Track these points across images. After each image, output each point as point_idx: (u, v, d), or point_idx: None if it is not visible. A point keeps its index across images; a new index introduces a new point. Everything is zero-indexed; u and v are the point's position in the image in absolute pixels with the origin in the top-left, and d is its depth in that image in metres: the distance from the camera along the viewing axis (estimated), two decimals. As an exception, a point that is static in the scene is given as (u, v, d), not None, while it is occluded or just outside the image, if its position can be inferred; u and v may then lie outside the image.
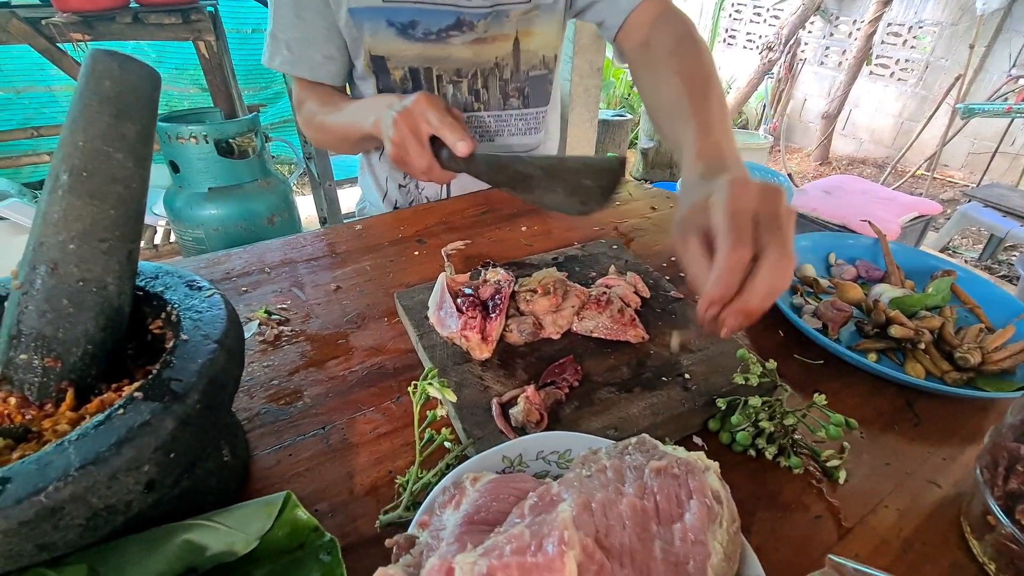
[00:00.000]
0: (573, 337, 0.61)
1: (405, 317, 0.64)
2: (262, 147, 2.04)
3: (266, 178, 2.09)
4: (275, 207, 2.07)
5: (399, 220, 0.92)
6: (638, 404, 0.53)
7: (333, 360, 0.60)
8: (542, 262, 0.75)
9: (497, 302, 0.58)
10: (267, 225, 2.06)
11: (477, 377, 0.55)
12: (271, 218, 2.07)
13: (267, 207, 2.05)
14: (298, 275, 0.76)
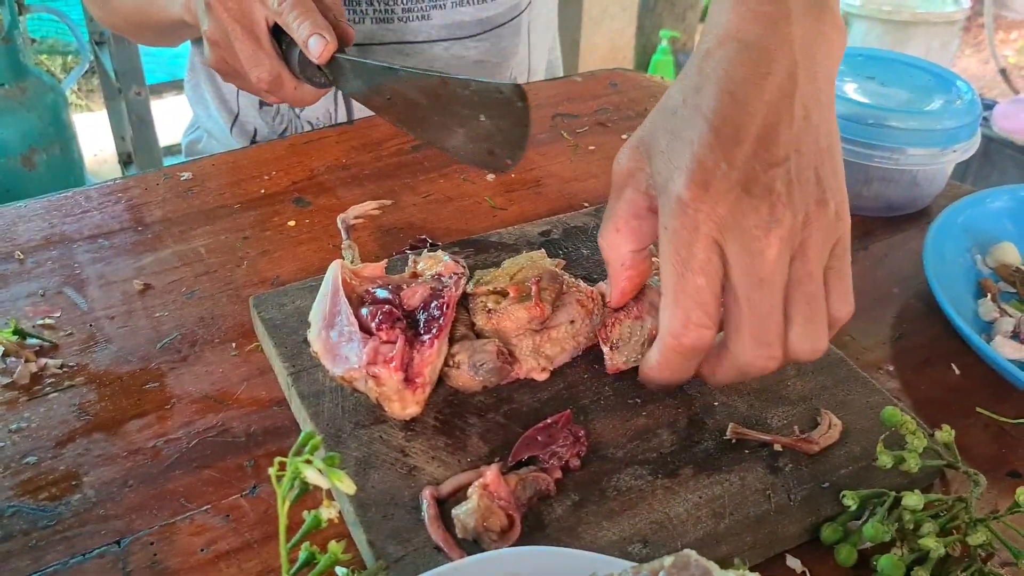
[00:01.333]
0: (572, 376, 0.63)
1: (269, 341, 0.65)
2: (12, 24, 2.05)
3: (20, 81, 2.10)
4: (37, 134, 2.08)
5: (260, 163, 0.94)
6: (687, 497, 0.55)
7: (136, 420, 0.62)
8: (520, 240, 0.77)
9: (435, 314, 0.60)
10: (21, 167, 2.07)
11: (396, 451, 0.57)
12: (29, 155, 2.08)
13: (21, 135, 2.07)
14: (75, 263, 0.77)
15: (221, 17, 0.74)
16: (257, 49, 0.74)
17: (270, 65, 0.75)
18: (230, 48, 0.75)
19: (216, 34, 0.75)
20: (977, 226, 0.82)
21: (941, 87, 0.90)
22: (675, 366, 0.54)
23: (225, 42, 0.75)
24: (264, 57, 0.75)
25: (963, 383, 0.69)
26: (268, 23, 0.74)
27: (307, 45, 0.72)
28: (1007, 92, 4.05)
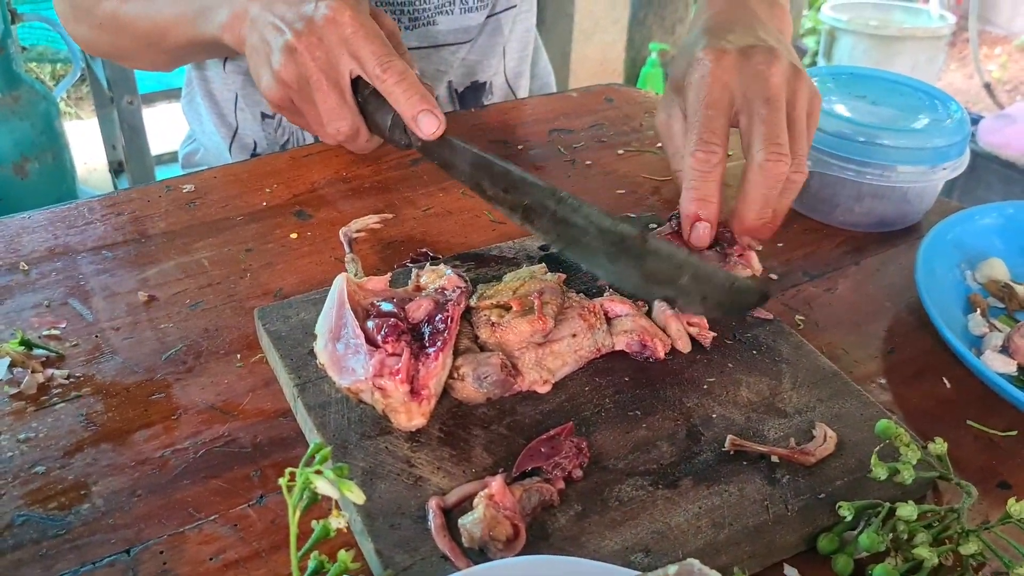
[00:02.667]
0: (574, 388, 0.65)
1: (274, 353, 0.66)
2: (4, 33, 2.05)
3: (12, 90, 2.10)
4: (29, 143, 2.08)
5: (261, 176, 0.95)
6: (687, 508, 0.56)
7: (144, 430, 0.63)
8: (520, 254, 0.78)
9: (439, 327, 0.61)
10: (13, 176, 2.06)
11: (402, 461, 0.58)
12: (22, 164, 2.07)
13: (14, 143, 2.06)
14: (80, 275, 0.78)
15: (306, 64, 0.71)
16: (341, 103, 0.72)
17: (351, 120, 0.73)
18: (305, 94, 0.72)
19: (292, 77, 0.72)
20: (966, 242, 0.83)
21: (931, 106, 0.92)
22: (699, 187, 0.67)
23: (300, 86, 0.72)
24: (347, 112, 0.72)
25: (954, 396, 0.70)
26: (351, 75, 0.72)
27: (415, 121, 0.69)
28: (992, 107, 4.09)
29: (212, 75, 1.09)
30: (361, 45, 0.69)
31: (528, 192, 0.68)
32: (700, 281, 0.64)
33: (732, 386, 0.66)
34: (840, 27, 4.05)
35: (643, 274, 0.66)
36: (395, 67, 0.69)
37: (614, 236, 0.66)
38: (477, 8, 1.08)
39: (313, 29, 0.69)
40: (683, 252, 0.66)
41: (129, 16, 0.88)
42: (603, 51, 3.33)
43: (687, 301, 0.65)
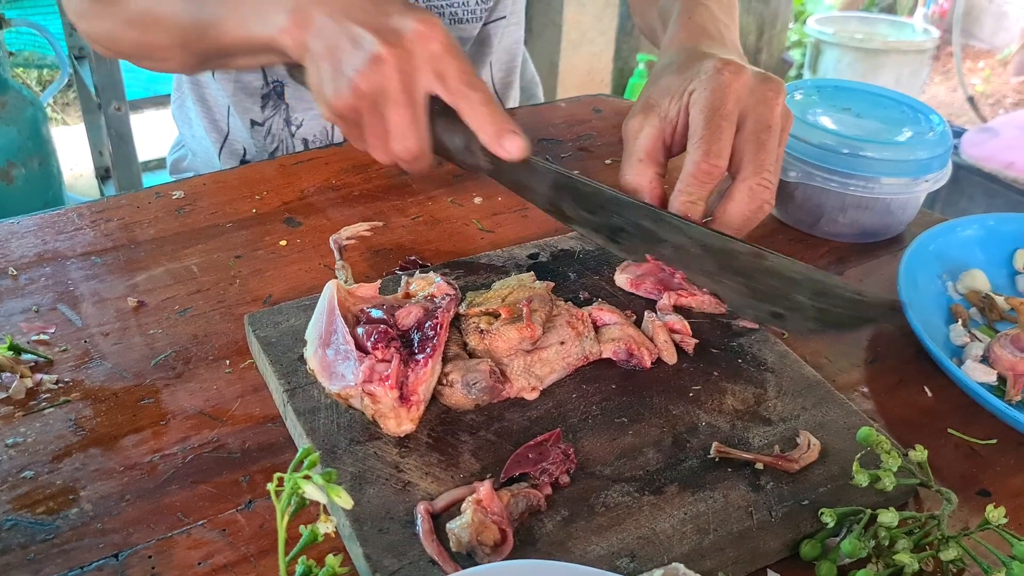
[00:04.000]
0: (561, 395, 0.65)
1: (264, 358, 0.67)
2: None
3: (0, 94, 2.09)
4: (16, 149, 2.07)
5: (251, 183, 0.95)
6: (672, 514, 0.57)
7: (132, 435, 0.63)
8: (509, 262, 0.79)
9: (428, 334, 0.62)
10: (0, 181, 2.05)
11: (390, 466, 0.58)
12: (8, 169, 2.07)
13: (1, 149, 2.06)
14: (68, 280, 0.78)
15: (390, 76, 0.67)
16: (413, 122, 0.69)
17: (421, 141, 0.70)
18: (377, 108, 0.69)
19: (370, 87, 0.68)
20: (948, 253, 0.85)
21: (914, 119, 0.93)
22: (693, 192, 0.68)
23: (375, 99, 0.69)
24: (418, 131, 0.70)
25: (935, 405, 0.71)
26: (427, 95, 0.69)
27: (500, 141, 0.67)
28: (975, 120, 4.14)
29: (204, 80, 1.10)
30: (449, 63, 0.68)
31: (620, 213, 0.69)
32: (821, 296, 0.65)
33: (718, 394, 0.66)
34: (825, 40, 4.09)
35: (750, 290, 0.67)
36: (482, 87, 0.68)
37: (720, 253, 0.67)
38: (468, 20, 1.09)
39: (403, 42, 0.67)
40: (800, 266, 0.67)
41: (166, 12, 0.83)
42: (591, 61, 3.35)
43: (797, 318, 0.67)
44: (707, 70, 0.70)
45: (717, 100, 0.69)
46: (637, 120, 0.74)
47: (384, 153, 0.72)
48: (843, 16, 4.42)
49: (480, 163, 0.71)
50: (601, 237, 0.69)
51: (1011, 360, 0.71)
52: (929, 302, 0.80)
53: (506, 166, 0.69)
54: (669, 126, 0.73)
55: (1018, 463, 0.66)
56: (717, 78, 0.69)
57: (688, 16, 0.83)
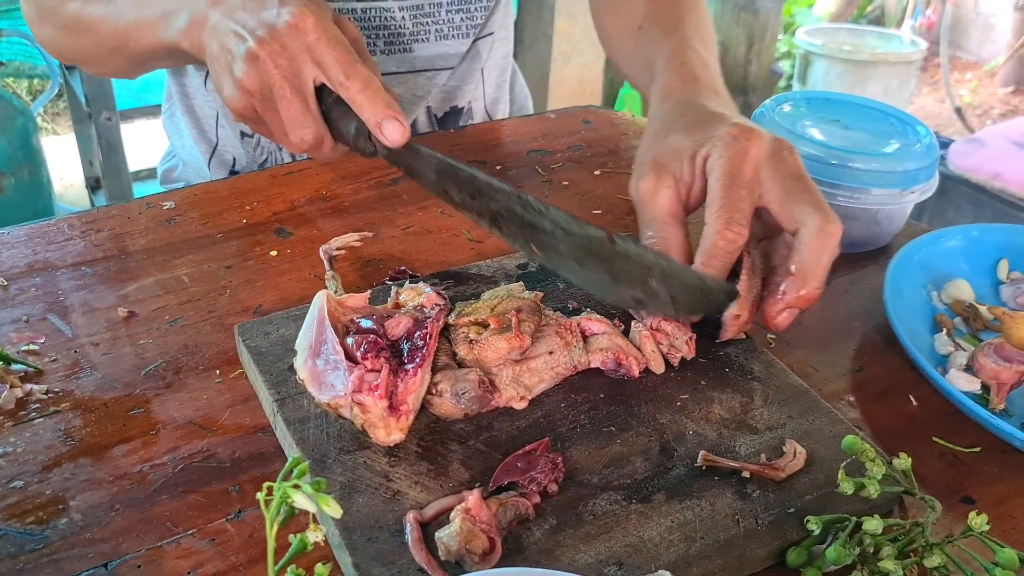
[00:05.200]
0: (550, 404, 0.66)
1: (254, 368, 0.67)
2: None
3: (-10, 103, 2.09)
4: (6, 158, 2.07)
5: (241, 193, 0.95)
6: (660, 522, 0.57)
7: (122, 445, 0.63)
8: (498, 272, 0.79)
9: (418, 344, 0.62)
10: (-10, 191, 2.05)
11: (380, 476, 0.59)
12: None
13: (-9, 158, 2.05)
14: (59, 291, 0.78)
15: (269, 72, 0.69)
16: (304, 112, 0.70)
17: (315, 129, 0.71)
18: (268, 102, 0.71)
19: (254, 85, 0.70)
20: (933, 264, 0.86)
21: (902, 130, 0.94)
22: (716, 262, 0.67)
23: (263, 95, 0.70)
24: (310, 120, 0.71)
25: (920, 413, 0.72)
26: (315, 83, 0.70)
27: (379, 127, 0.68)
28: (962, 131, 4.17)
29: (193, 91, 1.10)
30: (325, 52, 0.68)
31: (494, 197, 0.68)
32: (669, 281, 0.65)
33: (705, 403, 0.67)
34: (814, 51, 4.12)
35: (611, 275, 0.66)
36: (359, 73, 0.68)
37: (581, 239, 0.66)
38: (455, 36, 1.10)
39: (276, 36, 0.68)
40: (651, 253, 0.67)
41: (92, 18, 0.85)
42: (581, 72, 3.36)
43: (656, 303, 0.66)
44: (722, 136, 0.69)
45: (735, 168, 0.67)
46: (650, 182, 0.71)
47: (288, 143, 0.74)
48: (832, 28, 4.45)
49: (376, 149, 0.71)
50: (486, 222, 0.68)
51: (994, 369, 0.72)
52: (914, 312, 0.81)
53: (394, 152, 0.70)
54: (684, 187, 0.71)
55: (1001, 471, 0.67)
56: (735, 145, 0.68)
57: (680, 61, 0.83)
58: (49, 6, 0.89)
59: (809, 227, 0.66)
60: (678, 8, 0.93)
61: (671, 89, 0.80)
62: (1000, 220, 2.50)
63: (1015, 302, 0.84)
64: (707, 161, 0.69)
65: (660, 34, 0.89)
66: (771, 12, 3.93)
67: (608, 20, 1.03)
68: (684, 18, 0.91)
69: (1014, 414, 0.72)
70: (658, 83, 0.82)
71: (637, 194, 0.72)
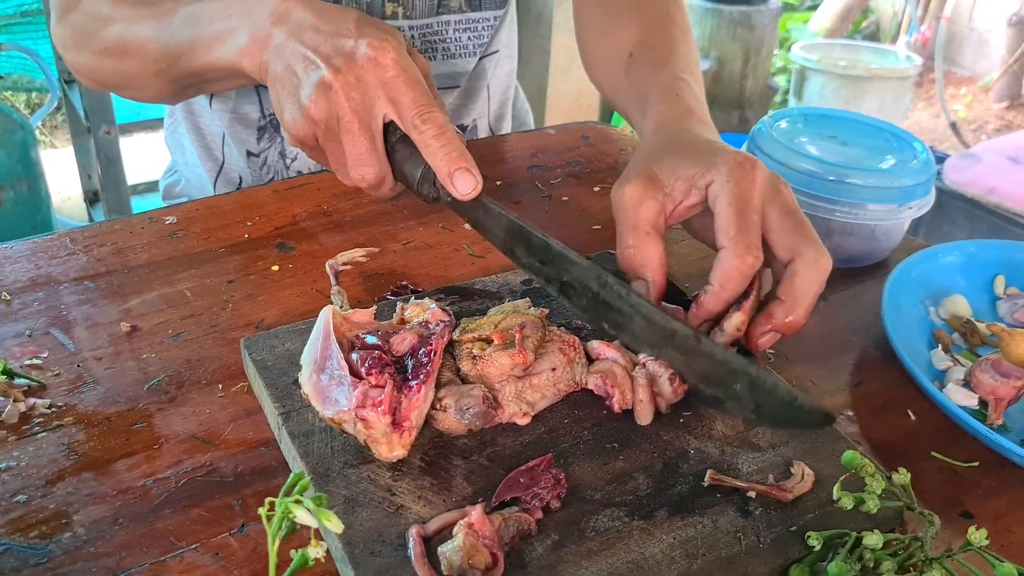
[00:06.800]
0: (553, 420, 0.66)
1: (259, 382, 0.67)
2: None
3: (-10, 117, 2.09)
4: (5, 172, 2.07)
5: (243, 208, 0.96)
6: (662, 539, 0.57)
7: (125, 459, 0.63)
8: (503, 288, 0.80)
9: (422, 360, 0.62)
10: (-11, 205, 2.05)
11: (383, 490, 0.59)
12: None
13: (-9, 171, 2.05)
14: (61, 305, 0.79)
15: (340, 104, 0.67)
16: (371, 149, 0.68)
17: (378, 168, 0.70)
18: (332, 133, 0.69)
19: (321, 115, 0.68)
20: (930, 279, 0.86)
21: (898, 146, 0.95)
22: (732, 286, 0.66)
23: (328, 125, 0.68)
24: (375, 160, 0.69)
25: (918, 428, 0.72)
26: (384, 120, 0.69)
27: (451, 178, 0.66)
28: (957, 145, 4.19)
29: (200, 109, 1.10)
30: (402, 91, 0.67)
31: (568, 269, 0.66)
32: (756, 391, 0.62)
33: (707, 420, 0.67)
34: (810, 67, 4.14)
35: (691, 371, 0.64)
36: (435, 119, 0.67)
37: (663, 331, 0.64)
38: (462, 55, 1.11)
39: (352, 68, 0.66)
40: (741, 359, 0.63)
41: (138, 40, 0.84)
42: (579, 87, 3.37)
43: (737, 407, 0.63)
44: (728, 164, 0.68)
45: (745, 194, 0.67)
46: (636, 189, 0.70)
47: (345, 174, 0.72)
48: (827, 44, 4.48)
49: (439, 195, 0.69)
50: (554, 289, 0.67)
51: (992, 384, 0.72)
52: (912, 327, 0.82)
53: (462, 203, 0.68)
54: (671, 204, 0.70)
55: (999, 485, 0.67)
56: (742, 173, 0.68)
57: (674, 93, 0.83)
58: (89, 30, 0.88)
59: (805, 257, 0.66)
60: (668, 37, 0.93)
61: (666, 119, 0.80)
62: (995, 235, 2.51)
63: (1012, 318, 0.85)
64: (710, 187, 0.69)
65: (652, 65, 0.90)
66: (767, 27, 3.95)
67: (596, 47, 1.03)
68: (675, 48, 0.91)
69: (1012, 429, 0.73)
70: (651, 113, 0.82)
71: (620, 199, 0.71)
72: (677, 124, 0.79)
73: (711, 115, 0.84)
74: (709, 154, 0.71)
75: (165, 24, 0.82)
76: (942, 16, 4.79)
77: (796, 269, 0.67)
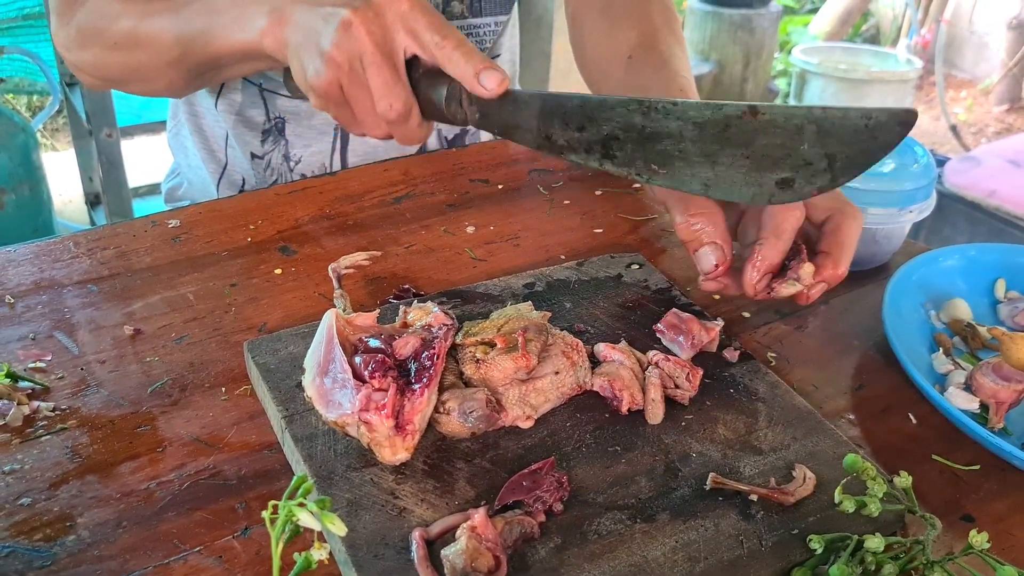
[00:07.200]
0: (556, 423, 0.66)
1: (263, 385, 0.67)
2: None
3: (-9, 120, 2.09)
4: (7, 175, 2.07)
5: (246, 212, 0.96)
6: (664, 541, 0.58)
7: (129, 462, 0.64)
8: (505, 292, 0.80)
9: (425, 364, 0.63)
10: (-9, 207, 2.06)
11: (386, 493, 0.59)
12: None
13: (-8, 174, 2.06)
14: (65, 308, 0.79)
15: (361, 39, 0.69)
16: (395, 79, 0.70)
17: (405, 97, 0.71)
18: (355, 74, 0.70)
19: (344, 56, 0.69)
20: (931, 283, 0.86)
21: (899, 150, 0.94)
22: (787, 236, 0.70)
23: (351, 66, 0.70)
24: (400, 88, 0.70)
25: (919, 431, 0.73)
26: (407, 54, 0.71)
27: (478, 78, 0.67)
28: (958, 148, 4.19)
29: (203, 110, 1.11)
30: (419, 19, 0.69)
31: (609, 118, 0.66)
32: (824, 139, 0.60)
33: (709, 423, 0.68)
34: (810, 70, 4.14)
35: (753, 162, 0.63)
36: (454, 34, 0.69)
37: (717, 126, 0.63)
38: None
39: (369, 5, 0.69)
40: (802, 110, 0.61)
41: (151, 31, 0.85)
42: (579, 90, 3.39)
43: (808, 175, 0.62)
44: None
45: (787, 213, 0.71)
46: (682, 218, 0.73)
47: (373, 121, 0.73)
48: (827, 47, 4.48)
49: (467, 113, 0.71)
50: (595, 158, 0.67)
51: (993, 388, 0.73)
52: (913, 331, 0.82)
53: (492, 108, 0.69)
54: None
55: (1000, 488, 0.67)
56: None
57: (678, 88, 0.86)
58: (96, 27, 0.89)
59: (843, 212, 0.73)
60: (666, 43, 0.96)
61: None
62: (996, 237, 2.51)
63: (1012, 321, 0.85)
64: None
65: (653, 66, 0.92)
66: (767, 30, 3.96)
67: (594, 50, 1.04)
68: (674, 53, 0.94)
69: (1013, 433, 0.73)
70: None
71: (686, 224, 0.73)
72: None
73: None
74: None
75: (179, 13, 0.84)
76: (942, 19, 4.80)
77: (837, 223, 0.73)
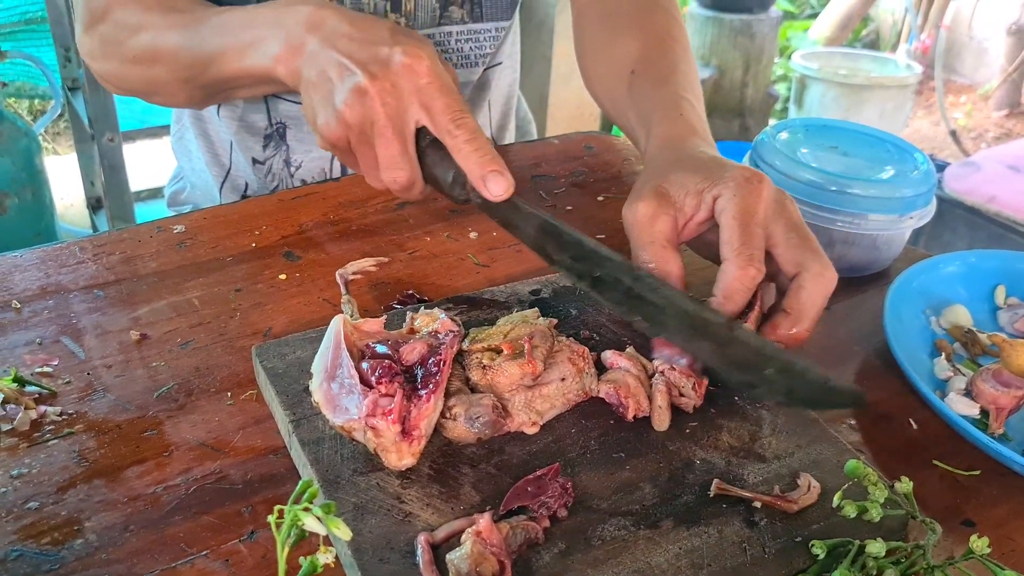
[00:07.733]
0: (561, 430, 0.67)
1: (270, 389, 0.68)
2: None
3: (-6, 125, 2.10)
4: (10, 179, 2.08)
5: (250, 217, 0.97)
6: (668, 548, 0.58)
7: (136, 466, 0.64)
8: (511, 298, 0.81)
9: (432, 370, 0.63)
10: (-7, 211, 2.06)
11: (392, 497, 0.59)
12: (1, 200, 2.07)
13: (-5, 179, 2.06)
14: (71, 313, 0.79)
15: (374, 109, 0.69)
16: (402, 153, 0.71)
17: (411, 172, 0.72)
18: (364, 137, 0.71)
19: (356, 119, 0.70)
20: (931, 289, 0.87)
21: (899, 157, 0.96)
22: (736, 298, 0.67)
23: (362, 130, 0.70)
24: (407, 163, 0.71)
25: (920, 437, 0.73)
26: (416, 125, 0.71)
27: (483, 180, 0.69)
28: (957, 154, 4.20)
29: (207, 115, 1.11)
30: (436, 97, 0.69)
31: (601, 264, 0.68)
32: (788, 375, 0.64)
33: (714, 431, 0.68)
34: (810, 75, 4.15)
35: (724, 359, 0.65)
36: (468, 124, 0.69)
37: (697, 321, 0.66)
38: (465, 65, 1.11)
39: (388, 75, 0.69)
40: (771, 345, 0.66)
41: (168, 47, 0.86)
42: (580, 95, 3.37)
43: (770, 392, 0.65)
44: (735, 178, 0.70)
45: (751, 208, 0.69)
46: (649, 206, 0.71)
47: (375, 177, 0.74)
48: (827, 52, 4.49)
49: (469, 197, 0.72)
50: (585, 284, 0.69)
51: (993, 394, 0.73)
52: (914, 337, 0.82)
53: (493, 204, 0.70)
54: (682, 218, 0.72)
55: (1001, 494, 0.68)
56: (748, 187, 0.69)
57: (678, 113, 0.85)
58: (118, 39, 0.90)
59: (811, 271, 0.68)
60: (670, 55, 0.94)
61: (670, 138, 0.81)
62: (995, 243, 2.52)
63: (1012, 328, 0.86)
64: (717, 201, 0.70)
65: (654, 82, 0.91)
66: (767, 36, 3.96)
67: (597, 62, 1.04)
68: (677, 66, 0.92)
69: (1013, 438, 0.73)
70: (656, 131, 0.83)
71: (634, 217, 0.72)
72: (681, 142, 0.80)
73: (712, 123, 0.85)
74: (716, 169, 0.72)
75: (195, 31, 0.84)
76: (942, 24, 4.81)
77: (802, 283, 0.68)
